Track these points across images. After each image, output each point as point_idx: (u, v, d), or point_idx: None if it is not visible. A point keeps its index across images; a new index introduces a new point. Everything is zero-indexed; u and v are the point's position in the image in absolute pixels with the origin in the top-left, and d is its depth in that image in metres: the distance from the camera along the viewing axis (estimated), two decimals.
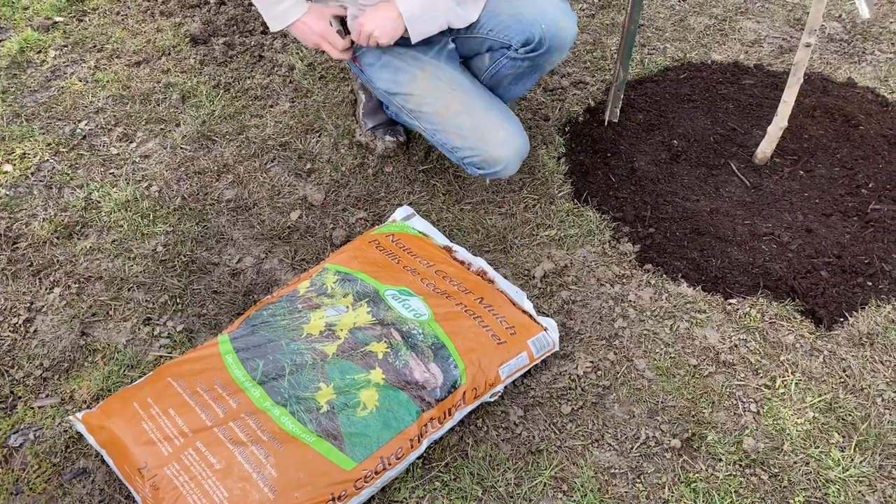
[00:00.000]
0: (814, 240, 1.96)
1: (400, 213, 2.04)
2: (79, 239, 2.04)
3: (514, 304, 1.81)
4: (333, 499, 1.43)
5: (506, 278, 1.93)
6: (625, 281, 1.95)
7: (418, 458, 1.58)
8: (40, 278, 1.94)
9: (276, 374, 1.59)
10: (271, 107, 2.47)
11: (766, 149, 2.14)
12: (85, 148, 2.31)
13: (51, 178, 2.22)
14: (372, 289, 1.77)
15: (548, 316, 1.86)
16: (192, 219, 2.10)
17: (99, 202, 2.14)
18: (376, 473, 1.48)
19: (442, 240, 1.98)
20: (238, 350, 1.65)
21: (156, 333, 1.83)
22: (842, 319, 1.83)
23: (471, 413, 1.66)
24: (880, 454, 1.60)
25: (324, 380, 1.58)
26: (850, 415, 1.67)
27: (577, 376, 1.75)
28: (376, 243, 1.92)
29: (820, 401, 1.69)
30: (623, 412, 1.68)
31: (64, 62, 2.63)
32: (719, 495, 1.53)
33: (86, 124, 2.39)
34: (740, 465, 1.58)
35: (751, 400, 1.70)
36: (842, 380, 1.73)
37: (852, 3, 2.88)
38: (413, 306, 1.74)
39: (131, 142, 2.34)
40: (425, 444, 1.57)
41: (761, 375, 1.74)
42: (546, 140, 2.35)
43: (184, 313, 1.88)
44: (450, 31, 1.92)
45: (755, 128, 2.28)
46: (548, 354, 1.76)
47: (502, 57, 1.91)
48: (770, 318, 1.84)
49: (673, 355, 1.78)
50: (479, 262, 1.92)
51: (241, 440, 1.48)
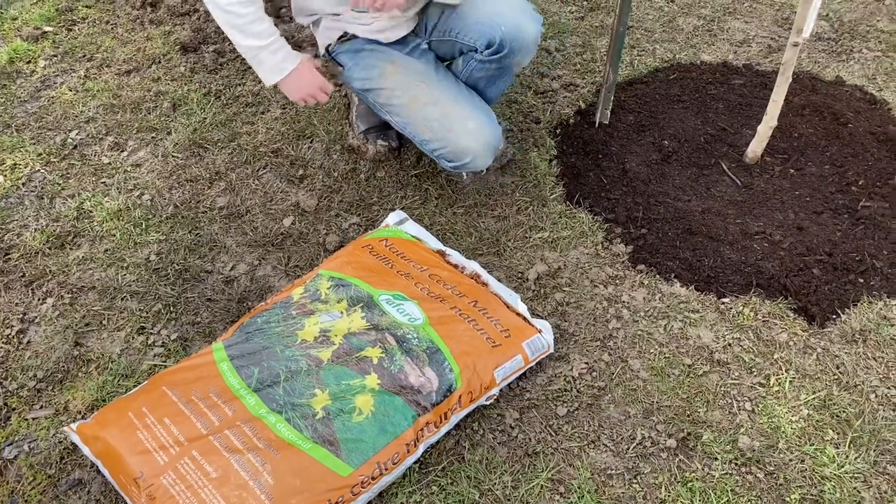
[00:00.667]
0: (805, 238, 1.97)
1: (393, 217, 2.04)
2: (71, 249, 2.04)
3: (508, 307, 1.82)
4: None
5: (499, 281, 1.94)
6: (618, 282, 1.96)
7: (415, 462, 1.58)
8: (33, 289, 1.94)
9: (272, 381, 1.59)
10: (262, 113, 2.47)
11: (756, 148, 2.15)
12: (76, 157, 2.31)
13: (42, 188, 2.21)
14: (366, 294, 1.77)
15: (542, 318, 1.86)
16: (184, 227, 2.10)
17: (91, 212, 2.13)
18: (373, 479, 1.48)
19: (435, 244, 1.98)
20: (233, 357, 1.64)
21: (150, 342, 1.83)
22: (834, 317, 1.84)
23: (467, 417, 1.66)
24: (875, 450, 1.61)
25: (319, 386, 1.58)
26: (844, 411, 1.68)
27: (573, 378, 1.75)
28: (370, 248, 1.92)
29: (814, 398, 1.70)
30: (619, 413, 1.69)
31: (54, 72, 2.62)
32: (715, 494, 1.54)
33: (76, 134, 2.38)
34: (736, 464, 1.59)
35: (745, 398, 1.70)
36: (835, 377, 1.74)
37: (839, 2, 2.90)
38: (407, 311, 1.74)
39: (122, 151, 2.33)
40: (422, 448, 1.57)
41: (755, 374, 1.75)
42: (537, 142, 2.36)
43: (178, 322, 1.88)
44: (424, 32, 1.96)
45: (745, 127, 2.29)
46: (543, 356, 1.76)
47: (471, 60, 1.94)
48: (763, 317, 1.85)
49: (667, 355, 1.79)
50: (473, 266, 1.92)
51: (237, 448, 1.47)
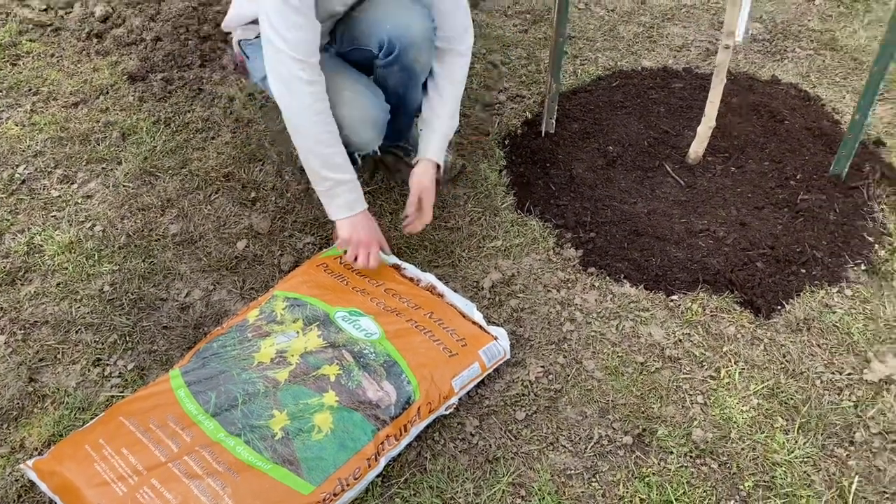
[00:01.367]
0: (748, 233, 2.03)
1: None
2: (22, 284, 2.02)
3: (464, 316, 1.84)
4: None
5: (455, 291, 1.96)
6: (570, 285, 2.00)
7: (377, 476, 1.59)
8: None
9: (229, 404, 1.59)
10: (213, 139, 2.47)
11: (697, 149, 2.21)
12: (25, 192, 2.29)
13: None
14: (322, 312, 1.78)
15: (498, 325, 1.89)
16: (137, 256, 2.09)
17: (41, 246, 2.12)
18: (335, 495, 1.49)
19: (390, 258, 2.00)
20: (190, 384, 1.64)
21: (106, 374, 1.82)
22: (779, 307, 1.89)
23: (427, 427, 1.68)
24: (822, 434, 1.66)
25: (277, 407, 1.58)
26: (791, 398, 1.73)
27: (530, 382, 1.78)
28: (324, 266, 1.93)
29: (763, 387, 1.75)
30: (576, 413, 1.72)
31: None
32: (672, 487, 1.57)
33: (24, 168, 2.36)
34: (691, 457, 1.63)
35: (697, 392, 1.75)
36: (782, 365, 1.80)
37: (773, 5, 3.00)
38: (363, 326, 1.75)
39: (72, 183, 2.32)
40: (383, 462, 1.58)
41: (706, 367, 1.80)
42: (487, 154, 2.40)
43: (134, 351, 1.87)
44: (334, 43, 2.01)
45: (686, 129, 2.35)
46: (500, 363, 1.79)
47: (377, 67, 1.97)
48: (711, 312, 1.90)
49: (620, 354, 1.83)
50: (428, 277, 1.95)
51: (197, 473, 1.47)
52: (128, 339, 1.89)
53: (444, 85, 1.99)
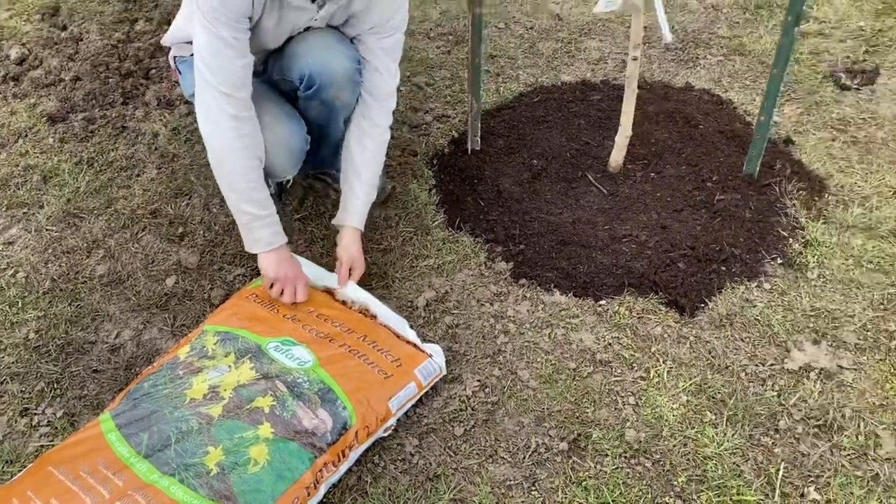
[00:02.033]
0: (669, 235, 2.10)
1: None
2: None
3: (398, 336, 1.86)
4: None
5: (391, 310, 1.97)
6: (503, 298, 2.03)
7: (318, 503, 1.58)
8: None
9: (162, 444, 1.56)
10: (138, 176, 2.44)
11: (617, 157, 2.28)
12: None
13: None
14: (254, 344, 1.77)
15: (433, 342, 1.91)
16: (63, 300, 2.05)
17: None
18: None
19: (325, 281, 2.00)
20: (121, 426, 1.61)
21: (34, 423, 1.77)
22: (702, 305, 1.96)
23: (367, 451, 1.68)
24: (749, 425, 1.72)
25: (212, 443, 1.56)
26: (718, 393, 1.79)
27: (467, 397, 1.80)
28: (254, 296, 1.93)
29: (691, 384, 1.81)
30: (513, 424, 1.74)
31: None
32: (608, 489, 1.61)
33: None
34: (625, 457, 1.67)
35: (629, 393, 1.79)
36: (708, 361, 1.86)
37: (683, 15, 3.13)
38: (296, 355, 1.75)
39: None
40: (322, 489, 1.57)
41: (636, 369, 1.84)
42: (416, 174, 2.43)
43: (63, 398, 1.82)
44: (264, 71, 2.03)
45: (607, 139, 2.43)
46: (436, 380, 1.80)
47: (299, 100, 2.00)
48: (638, 314, 1.96)
49: (553, 362, 1.86)
50: (363, 297, 1.95)
51: None
52: (56, 385, 1.85)
53: (366, 144, 2.00)
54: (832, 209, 2.23)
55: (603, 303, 1.98)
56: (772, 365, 1.84)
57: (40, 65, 2.90)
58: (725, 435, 1.70)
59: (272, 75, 2.03)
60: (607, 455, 1.67)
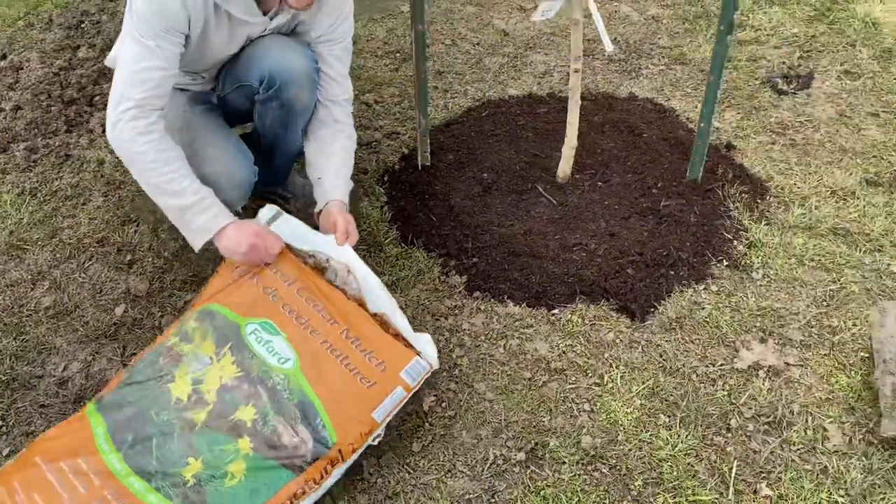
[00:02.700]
0: (617, 242, 2.13)
1: (265, 213, 1.91)
2: None
3: (385, 329, 1.76)
4: None
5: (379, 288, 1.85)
6: (457, 311, 2.04)
7: None
8: None
9: (144, 447, 1.58)
10: (84, 204, 2.40)
11: (564, 168, 2.32)
12: None
13: None
14: (233, 324, 1.72)
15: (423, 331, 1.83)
16: (7, 334, 2.00)
17: None
18: None
19: (313, 244, 1.88)
20: (108, 423, 1.62)
21: None
22: (652, 310, 1.99)
23: None
24: (701, 425, 1.75)
25: (192, 454, 1.57)
26: (671, 395, 1.82)
27: (424, 413, 1.80)
28: (233, 265, 1.84)
29: (644, 388, 1.83)
30: (471, 437, 1.75)
31: None
32: (566, 496, 1.62)
33: None
34: (582, 464, 1.68)
35: (584, 400, 1.81)
36: (660, 364, 1.89)
37: (625, 26, 3.20)
38: (277, 349, 1.69)
39: None
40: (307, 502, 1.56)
41: (590, 375, 1.86)
42: (367, 192, 2.43)
43: (9, 435, 1.78)
44: (221, 88, 2.04)
45: (555, 151, 2.46)
46: (427, 376, 1.74)
47: (257, 104, 2.00)
48: (590, 321, 1.98)
49: (509, 373, 1.87)
50: (357, 267, 1.83)
51: None
52: (2, 423, 1.80)
53: (338, 140, 2.02)
54: (774, 210, 2.30)
55: (556, 311, 2.00)
56: (721, 365, 1.88)
57: None
58: (679, 436, 1.73)
59: (224, 89, 2.03)
60: (564, 463, 1.68)
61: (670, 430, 1.74)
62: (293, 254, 1.86)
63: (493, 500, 1.63)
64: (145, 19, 1.69)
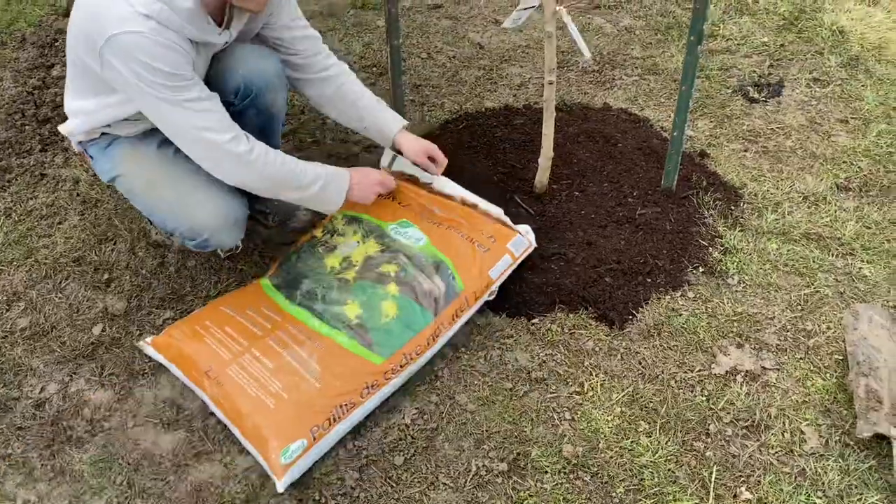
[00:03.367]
0: (595, 251, 2.15)
1: (385, 158, 2.25)
2: None
3: (491, 219, 2.10)
4: (367, 387, 1.76)
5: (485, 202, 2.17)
6: None
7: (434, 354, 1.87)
8: None
9: (311, 297, 1.94)
10: (60, 224, 2.38)
11: (541, 178, 2.34)
12: None
13: None
14: (376, 225, 2.09)
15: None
16: None
17: None
18: (401, 367, 1.81)
19: (426, 177, 2.21)
20: (278, 286, 2.02)
21: None
22: (630, 317, 2.01)
23: (307, 488, 1.67)
24: (681, 431, 1.77)
25: (350, 298, 1.91)
26: (650, 402, 1.83)
27: (406, 425, 1.80)
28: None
29: (624, 395, 1.85)
30: (453, 449, 1.75)
31: None
32: None
33: None
34: (564, 473, 1.69)
35: (565, 409, 1.82)
36: (639, 371, 1.90)
37: (598, 38, 3.24)
38: (412, 235, 2.05)
39: None
40: (441, 341, 1.89)
41: (570, 384, 1.88)
42: None
43: None
44: None
45: (531, 162, 2.48)
46: (527, 252, 2.07)
47: (233, 116, 1.99)
48: (569, 330, 2.00)
49: (490, 383, 1.88)
50: (460, 191, 2.18)
51: (288, 344, 1.83)
52: None
53: (354, 87, 2.14)
54: (748, 217, 2.33)
55: (535, 321, 2.02)
56: (700, 371, 1.90)
57: None
58: (659, 443, 1.74)
59: None
60: (547, 472, 1.69)
61: (650, 436, 1.76)
62: (416, 184, 2.22)
63: None
64: (171, 83, 1.69)
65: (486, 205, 2.15)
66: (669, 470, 1.69)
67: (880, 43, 3.12)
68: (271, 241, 2.30)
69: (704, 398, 1.83)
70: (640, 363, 1.92)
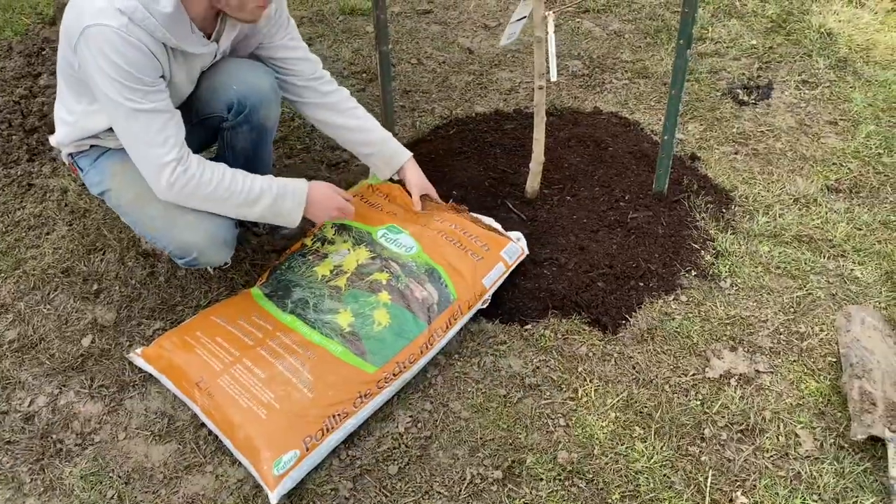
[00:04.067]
0: (587, 256, 2.15)
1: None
2: None
3: (482, 225, 2.13)
4: (361, 396, 1.74)
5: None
6: None
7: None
8: None
9: (303, 305, 1.93)
10: (48, 234, 2.36)
11: (532, 184, 2.33)
12: None
13: None
14: (365, 232, 2.08)
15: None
16: None
17: None
18: (394, 375, 1.80)
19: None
20: (268, 295, 2.00)
21: None
22: (623, 322, 2.01)
23: (301, 498, 1.65)
24: (676, 436, 1.76)
25: (342, 307, 1.90)
26: (645, 407, 1.83)
27: (399, 434, 1.79)
28: (360, 196, 2.22)
29: (618, 400, 1.84)
30: (447, 457, 1.74)
31: None
32: None
33: None
34: (559, 480, 1.68)
35: (559, 415, 1.81)
36: (633, 376, 1.90)
37: (587, 42, 3.25)
38: (402, 242, 2.04)
39: None
40: (433, 350, 1.88)
41: (564, 390, 1.87)
42: None
43: None
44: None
45: (522, 166, 2.48)
46: (520, 259, 2.09)
47: (224, 132, 2.00)
48: (563, 335, 1.99)
49: (484, 390, 1.87)
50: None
51: (280, 354, 1.81)
52: None
53: (358, 112, 2.15)
54: (739, 219, 2.34)
55: (529, 327, 2.01)
56: (694, 375, 1.90)
57: None
58: (654, 448, 1.74)
59: (188, 122, 2.00)
60: (542, 479, 1.68)
61: (645, 441, 1.75)
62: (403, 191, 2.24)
63: None
64: (128, 83, 1.66)
65: (476, 216, 2.18)
66: (665, 475, 1.68)
67: (868, 44, 3.14)
68: (261, 250, 2.29)
69: (699, 402, 1.83)
70: (634, 368, 1.92)
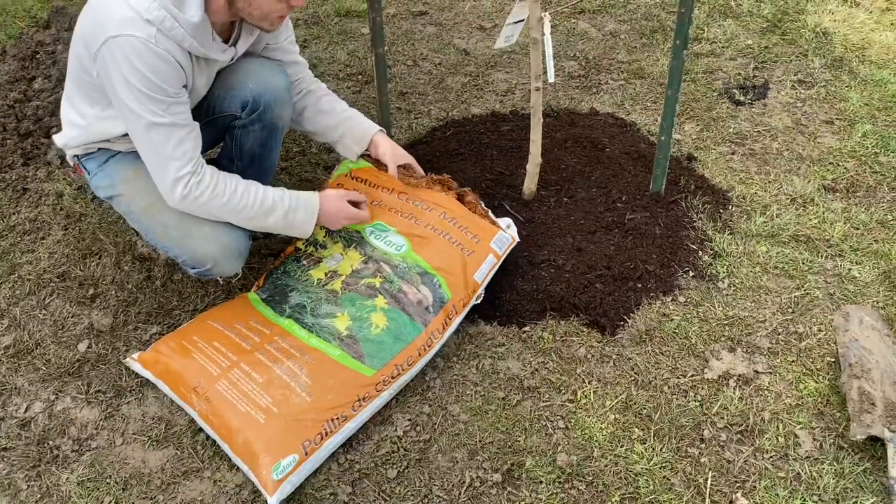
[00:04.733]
0: (585, 257, 2.14)
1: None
2: None
3: (472, 209, 2.09)
4: (359, 399, 1.74)
5: None
6: None
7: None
8: None
9: (300, 309, 1.92)
10: (43, 238, 2.35)
11: (529, 185, 2.33)
12: None
13: None
14: (355, 232, 2.05)
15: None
16: None
17: None
18: (392, 378, 1.79)
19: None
20: (265, 299, 1.99)
21: None
22: (622, 323, 2.01)
23: (300, 502, 1.64)
24: (675, 437, 1.76)
25: (339, 310, 1.89)
26: (644, 408, 1.82)
27: (398, 437, 1.78)
28: (339, 185, 2.15)
29: (617, 402, 1.84)
30: (446, 461, 1.73)
31: None
32: None
33: None
34: (559, 482, 1.68)
35: (558, 417, 1.81)
36: (632, 378, 1.89)
37: (583, 43, 3.24)
38: (392, 241, 2.01)
39: None
40: (431, 353, 1.87)
41: (563, 392, 1.86)
42: None
43: None
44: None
45: (519, 168, 2.47)
46: (510, 248, 2.07)
47: (235, 130, 1.99)
48: (561, 337, 1.99)
49: (482, 393, 1.87)
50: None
51: (278, 358, 1.80)
52: None
53: (333, 99, 2.18)
54: (736, 220, 2.33)
55: (527, 329, 2.00)
56: (692, 376, 1.89)
57: None
58: (654, 450, 1.73)
59: (200, 120, 1.98)
60: (541, 482, 1.68)
61: (645, 443, 1.75)
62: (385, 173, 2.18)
63: None
64: (152, 94, 1.67)
65: (463, 190, 2.16)
66: (664, 477, 1.68)
67: (863, 44, 3.14)
68: (258, 253, 2.28)
69: (698, 403, 1.83)
70: (633, 369, 1.91)
